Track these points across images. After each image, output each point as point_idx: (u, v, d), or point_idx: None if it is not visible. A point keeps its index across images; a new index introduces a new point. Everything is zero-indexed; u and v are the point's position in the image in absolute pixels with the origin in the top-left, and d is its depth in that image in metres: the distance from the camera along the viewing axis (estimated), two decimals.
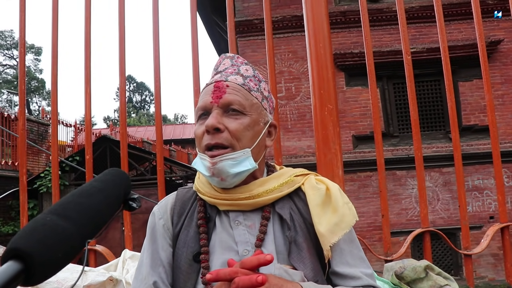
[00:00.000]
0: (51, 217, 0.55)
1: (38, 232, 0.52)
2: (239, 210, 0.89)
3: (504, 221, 1.94)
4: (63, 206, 0.58)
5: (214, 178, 0.86)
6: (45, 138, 10.97)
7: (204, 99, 0.90)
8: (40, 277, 0.49)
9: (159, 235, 0.91)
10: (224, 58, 0.98)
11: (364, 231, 7.14)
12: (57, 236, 0.52)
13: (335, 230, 0.85)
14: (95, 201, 0.61)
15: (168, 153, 16.17)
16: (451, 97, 1.99)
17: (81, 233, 0.56)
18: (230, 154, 0.85)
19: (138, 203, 0.71)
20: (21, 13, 2.17)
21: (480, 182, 7.37)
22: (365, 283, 0.86)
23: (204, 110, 0.89)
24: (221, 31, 10.28)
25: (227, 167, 0.84)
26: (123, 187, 0.69)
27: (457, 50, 7.08)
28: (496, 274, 7.16)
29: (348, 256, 0.88)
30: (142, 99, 50.85)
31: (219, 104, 0.87)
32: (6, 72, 35.59)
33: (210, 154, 0.85)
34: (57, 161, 2.11)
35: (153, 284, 0.86)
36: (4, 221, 9.48)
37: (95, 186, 0.65)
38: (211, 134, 0.86)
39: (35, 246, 0.50)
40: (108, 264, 1.79)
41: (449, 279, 1.60)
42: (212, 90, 0.89)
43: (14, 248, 0.49)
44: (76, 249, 0.55)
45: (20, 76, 2.18)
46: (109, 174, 0.70)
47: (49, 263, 0.50)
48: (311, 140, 7.42)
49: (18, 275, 0.47)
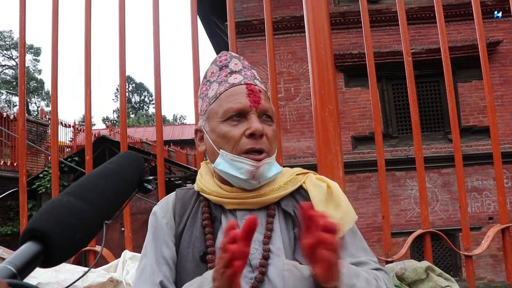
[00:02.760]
0: (68, 198, 0.54)
1: (56, 213, 0.51)
2: (246, 208, 0.90)
3: (504, 222, 1.93)
4: (79, 187, 0.57)
5: (253, 181, 0.88)
6: (44, 139, 10.95)
7: (239, 100, 0.89)
8: (58, 258, 0.49)
9: (162, 234, 0.91)
10: (231, 57, 0.98)
11: (363, 232, 7.06)
12: (75, 217, 0.52)
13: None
14: (111, 183, 0.61)
15: (167, 153, 16.16)
16: (451, 98, 1.99)
17: (98, 214, 0.56)
18: (268, 159, 0.89)
19: (153, 184, 0.70)
20: (21, 13, 2.17)
21: (479, 183, 7.38)
22: (373, 266, 0.89)
23: (240, 112, 0.89)
24: (220, 32, 10.28)
25: (266, 171, 0.88)
26: (137, 169, 0.68)
27: (456, 51, 7.09)
28: (495, 275, 7.17)
29: (352, 248, 0.90)
30: (141, 100, 50.83)
31: (258, 109, 0.89)
32: (5, 73, 35.57)
33: (255, 157, 0.87)
34: (57, 161, 2.10)
35: (160, 283, 0.85)
36: (2, 221, 9.46)
37: (110, 168, 0.64)
38: (255, 139, 0.87)
39: (53, 226, 0.49)
40: (108, 265, 1.79)
41: (450, 280, 1.60)
42: (246, 93, 0.90)
43: (32, 229, 0.48)
44: (93, 230, 0.55)
45: (20, 76, 2.17)
46: (123, 157, 0.69)
47: (68, 244, 0.50)
48: (311, 141, 7.42)
49: (37, 256, 0.47)
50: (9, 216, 9.72)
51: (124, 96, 2.15)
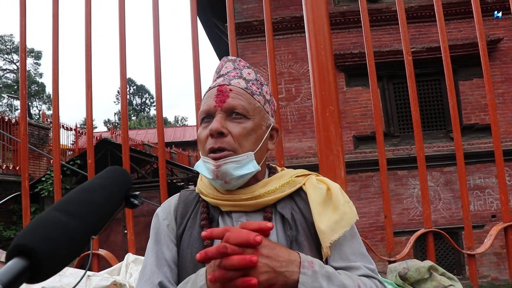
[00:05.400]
0: (54, 213, 0.55)
1: (42, 229, 0.51)
2: (241, 211, 0.90)
3: (507, 220, 1.93)
4: (66, 202, 0.58)
5: (218, 180, 0.88)
6: (45, 142, 10.97)
7: (207, 103, 0.91)
8: (45, 273, 0.49)
9: (163, 235, 0.92)
10: (226, 61, 0.99)
11: (365, 231, 7.14)
12: (61, 232, 0.52)
13: (335, 227, 0.86)
14: (98, 197, 0.61)
15: (169, 155, 16.17)
16: (452, 97, 1.99)
17: (85, 229, 0.56)
18: (234, 157, 0.87)
19: (139, 199, 0.71)
20: (22, 18, 2.17)
21: (481, 181, 7.37)
22: (364, 272, 0.85)
23: (207, 113, 0.90)
24: (220, 33, 10.29)
25: (231, 169, 0.86)
26: (124, 184, 0.69)
27: (456, 49, 7.08)
28: (498, 273, 7.15)
29: (348, 252, 0.88)
30: (142, 102, 50.90)
31: (223, 108, 0.88)
32: (6, 77, 35.66)
33: (213, 156, 0.87)
34: (59, 165, 2.11)
35: (159, 284, 0.86)
36: (5, 225, 9.47)
37: (97, 183, 0.65)
38: (214, 138, 0.87)
39: (40, 242, 0.49)
40: (111, 268, 1.79)
41: (453, 279, 1.60)
42: (215, 94, 0.91)
43: (18, 245, 0.48)
44: (80, 245, 0.55)
45: (21, 80, 2.18)
46: (110, 171, 0.70)
47: (54, 259, 0.50)
48: (312, 141, 7.42)
49: (24, 272, 0.47)
50: (12, 220, 9.73)
51: (125, 100, 2.16)
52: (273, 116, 0.99)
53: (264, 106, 0.94)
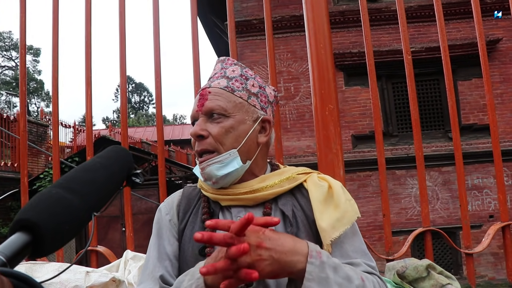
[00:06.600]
0: (57, 190, 0.55)
1: (44, 204, 0.52)
2: (241, 205, 0.92)
3: (505, 220, 1.94)
4: (67, 180, 0.58)
5: (207, 181, 0.92)
6: (44, 139, 10.96)
7: (193, 108, 0.96)
8: (48, 248, 0.49)
9: (165, 230, 0.95)
10: (217, 63, 1.02)
11: (364, 230, 7.15)
12: (64, 208, 0.53)
13: (336, 225, 0.86)
14: (99, 176, 0.62)
15: (167, 153, 16.17)
16: (451, 97, 2.00)
17: (86, 206, 0.56)
18: (215, 158, 0.90)
19: (141, 178, 0.72)
20: (22, 14, 2.17)
21: (479, 181, 7.39)
22: (365, 269, 0.85)
23: (194, 118, 0.95)
24: (219, 31, 10.28)
25: (214, 170, 0.89)
26: (126, 163, 0.70)
27: (456, 49, 7.09)
28: (496, 273, 7.17)
29: (349, 250, 0.88)
30: (141, 100, 50.81)
31: (202, 111, 0.92)
32: (4, 74, 35.55)
33: (200, 160, 0.92)
34: (59, 162, 2.11)
35: (160, 277, 0.88)
36: (3, 222, 9.46)
37: (98, 162, 0.65)
38: (198, 141, 0.92)
39: (42, 217, 0.49)
40: (110, 265, 1.79)
41: (451, 278, 1.60)
42: (198, 99, 0.95)
43: (21, 219, 0.49)
44: (82, 221, 0.55)
45: (21, 77, 2.18)
46: (112, 151, 0.70)
47: (56, 234, 0.50)
48: (311, 140, 7.42)
49: (26, 246, 0.47)
50: (10, 217, 9.70)
51: (125, 97, 2.16)
52: (263, 109, 0.97)
53: (249, 100, 0.94)
